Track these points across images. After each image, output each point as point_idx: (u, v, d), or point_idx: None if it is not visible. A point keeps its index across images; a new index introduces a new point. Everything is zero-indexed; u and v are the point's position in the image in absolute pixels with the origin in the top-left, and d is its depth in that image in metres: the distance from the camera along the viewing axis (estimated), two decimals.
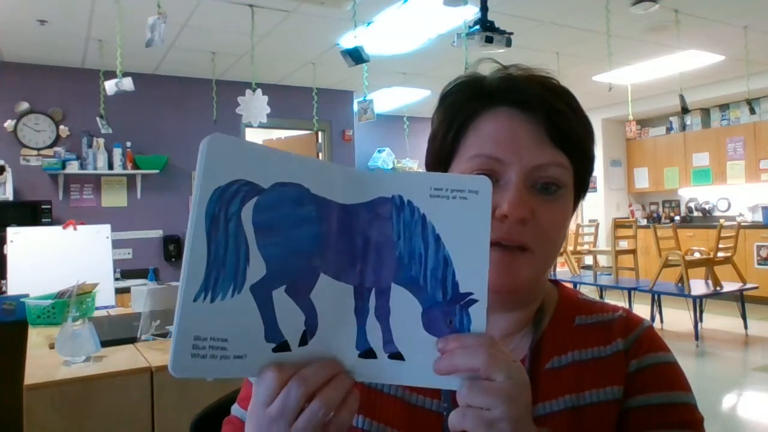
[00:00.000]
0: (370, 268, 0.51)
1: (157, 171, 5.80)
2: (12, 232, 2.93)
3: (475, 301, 0.51)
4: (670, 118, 8.14)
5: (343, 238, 0.51)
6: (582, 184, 0.69)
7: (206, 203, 0.46)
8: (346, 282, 0.51)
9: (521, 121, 0.65)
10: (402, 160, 8.01)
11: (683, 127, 8.00)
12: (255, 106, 4.24)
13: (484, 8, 3.32)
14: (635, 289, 5.56)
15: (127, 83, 3.67)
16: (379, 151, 7.96)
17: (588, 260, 7.46)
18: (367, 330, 0.51)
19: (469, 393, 0.49)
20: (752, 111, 5.81)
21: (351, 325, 0.51)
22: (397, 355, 0.51)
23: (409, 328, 0.51)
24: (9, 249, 2.89)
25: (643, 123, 8.43)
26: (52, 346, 1.87)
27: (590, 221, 7.95)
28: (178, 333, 0.46)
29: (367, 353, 0.51)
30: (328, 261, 0.50)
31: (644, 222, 8.41)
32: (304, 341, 0.49)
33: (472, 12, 3.80)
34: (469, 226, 0.52)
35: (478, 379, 0.49)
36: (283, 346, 0.49)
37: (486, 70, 0.71)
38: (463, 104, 0.68)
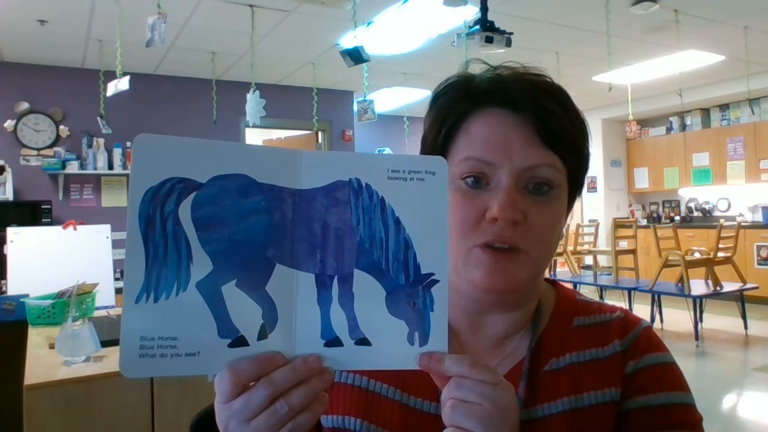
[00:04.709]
0: (331, 255, 0.50)
1: None
2: (12, 232, 2.92)
3: (437, 281, 0.51)
4: (670, 118, 8.14)
5: (300, 225, 0.50)
6: (576, 183, 0.69)
7: (138, 205, 0.46)
8: (306, 271, 0.50)
9: (511, 121, 0.64)
10: None
11: (683, 127, 8.01)
12: (252, 106, 4.25)
13: (484, 8, 3.32)
14: (635, 289, 5.56)
15: (123, 83, 3.67)
16: (379, 151, 7.96)
17: (588, 260, 7.46)
18: (332, 318, 0.50)
19: (453, 413, 0.50)
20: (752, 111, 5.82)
21: (314, 315, 0.50)
22: (363, 341, 0.51)
23: (374, 312, 0.51)
24: (9, 249, 2.88)
25: (643, 123, 8.43)
26: (52, 346, 1.87)
27: (590, 221, 7.96)
28: (123, 335, 0.46)
29: (333, 341, 0.50)
30: (285, 251, 0.49)
31: (644, 222, 8.41)
32: (264, 335, 0.49)
33: (472, 12, 3.80)
34: (427, 207, 0.52)
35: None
36: (240, 341, 0.48)
37: (479, 70, 0.70)
38: (453, 105, 0.67)
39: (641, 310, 5.69)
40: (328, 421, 0.70)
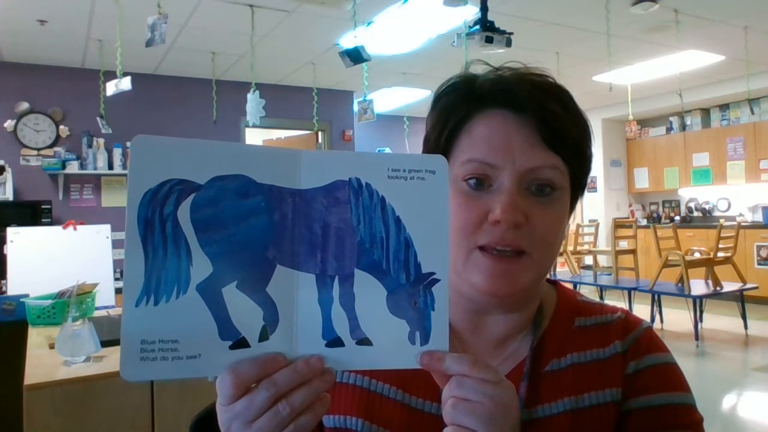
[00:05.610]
0: (332, 255, 0.50)
1: None
2: (12, 232, 2.92)
3: (438, 280, 0.51)
4: (670, 118, 8.14)
5: (300, 226, 0.50)
6: (579, 184, 0.68)
7: (137, 207, 0.46)
8: (307, 271, 0.50)
9: (513, 123, 0.63)
10: None
11: (683, 127, 8.00)
12: (252, 106, 4.25)
13: (484, 8, 3.32)
14: (635, 289, 5.56)
15: (125, 83, 3.67)
16: (379, 151, 7.95)
17: (588, 260, 7.46)
18: (333, 318, 0.50)
19: (454, 411, 0.50)
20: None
21: (315, 315, 0.50)
22: (364, 341, 0.50)
23: (375, 312, 0.51)
24: (9, 249, 2.88)
25: (643, 123, 8.43)
26: (52, 346, 1.87)
27: (590, 221, 7.95)
28: (123, 339, 0.45)
29: (335, 342, 0.50)
30: (285, 251, 0.49)
31: (644, 222, 8.41)
32: (265, 336, 0.48)
33: (472, 12, 3.80)
34: (427, 206, 0.52)
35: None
36: (241, 343, 0.48)
37: (481, 70, 0.69)
38: (455, 107, 0.67)
39: (641, 310, 5.69)
40: (329, 421, 0.70)
